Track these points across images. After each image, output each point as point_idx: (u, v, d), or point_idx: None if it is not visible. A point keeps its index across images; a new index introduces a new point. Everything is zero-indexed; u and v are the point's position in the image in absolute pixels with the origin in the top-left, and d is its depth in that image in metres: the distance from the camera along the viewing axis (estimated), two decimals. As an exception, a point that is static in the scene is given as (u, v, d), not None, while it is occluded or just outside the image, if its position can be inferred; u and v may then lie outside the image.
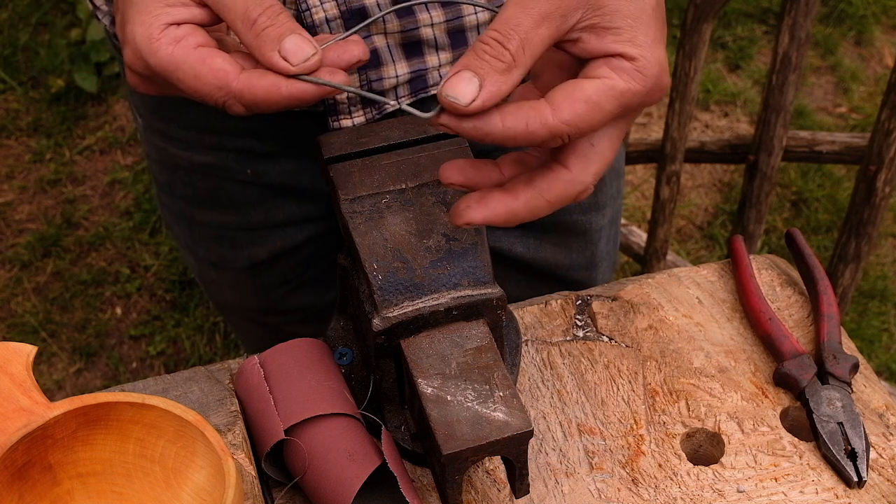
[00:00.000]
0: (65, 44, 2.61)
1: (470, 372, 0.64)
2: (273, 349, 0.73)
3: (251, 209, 0.93)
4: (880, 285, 2.19)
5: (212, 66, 0.59)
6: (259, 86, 0.59)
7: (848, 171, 2.36)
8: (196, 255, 1.02)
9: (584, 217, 0.99)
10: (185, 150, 0.91)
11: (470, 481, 0.71)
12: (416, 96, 0.82)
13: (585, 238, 1.01)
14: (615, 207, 1.06)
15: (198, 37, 0.60)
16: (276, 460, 0.70)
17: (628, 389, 0.77)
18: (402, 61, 0.80)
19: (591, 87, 0.56)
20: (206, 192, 0.94)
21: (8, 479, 0.61)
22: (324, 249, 0.96)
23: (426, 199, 0.70)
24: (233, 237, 0.96)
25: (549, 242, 0.98)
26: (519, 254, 0.97)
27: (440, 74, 0.82)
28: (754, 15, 2.76)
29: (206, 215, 0.96)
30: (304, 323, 1.03)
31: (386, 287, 0.67)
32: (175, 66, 0.60)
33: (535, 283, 0.98)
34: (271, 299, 1.02)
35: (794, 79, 1.55)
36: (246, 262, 0.98)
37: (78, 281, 2.18)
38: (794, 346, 0.78)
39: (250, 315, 1.09)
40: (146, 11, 0.60)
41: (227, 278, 1.02)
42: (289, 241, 0.95)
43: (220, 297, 1.10)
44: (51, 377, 2.02)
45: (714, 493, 0.71)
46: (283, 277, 0.99)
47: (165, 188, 0.99)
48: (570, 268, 1.02)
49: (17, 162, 2.41)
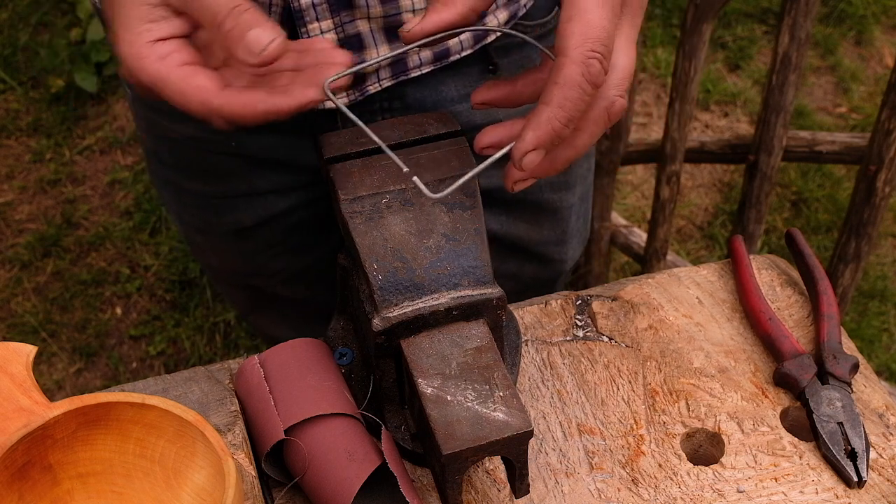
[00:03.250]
0: (65, 44, 2.61)
1: (470, 372, 0.64)
2: (273, 349, 0.73)
3: (235, 179, 0.96)
4: (880, 285, 2.19)
5: (194, 84, 0.63)
6: (236, 103, 0.62)
7: (848, 171, 2.36)
8: (182, 219, 1.06)
9: (555, 195, 1.02)
10: (171, 121, 0.94)
11: (470, 481, 0.71)
12: (396, 79, 0.85)
13: (557, 216, 1.05)
14: (585, 186, 1.09)
15: (183, 54, 0.64)
16: (276, 460, 0.70)
17: (628, 389, 0.77)
18: (385, 45, 0.82)
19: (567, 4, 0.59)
20: (191, 162, 0.97)
21: (8, 479, 0.61)
22: (306, 216, 0.99)
23: (426, 199, 0.70)
24: (217, 205, 0.99)
25: (520, 220, 1.02)
26: (492, 230, 1.00)
27: (420, 58, 0.85)
28: (754, 15, 2.76)
29: (192, 184, 1.00)
30: (284, 284, 1.07)
31: (386, 287, 0.67)
32: (162, 83, 0.63)
33: (507, 258, 1.03)
34: (255, 263, 1.05)
35: (794, 79, 1.55)
36: (231, 228, 1.01)
37: (78, 281, 2.18)
38: (794, 346, 0.78)
39: (234, 278, 1.12)
40: (130, 29, 0.63)
41: (213, 243, 1.06)
42: (271, 208, 0.98)
43: (205, 260, 1.14)
44: (51, 377, 2.02)
45: (714, 493, 0.71)
46: (266, 243, 1.02)
47: (153, 155, 1.03)
48: (542, 243, 1.06)
49: (17, 162, 2.41)
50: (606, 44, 0.59)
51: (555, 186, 1.02)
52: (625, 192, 2.36)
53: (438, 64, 0.86)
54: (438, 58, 0.86)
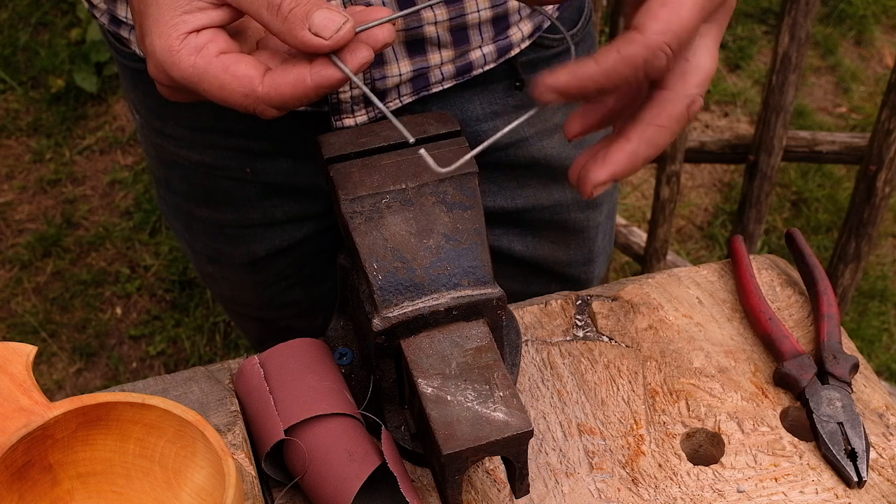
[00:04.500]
0: (65, 44, 2.61)
1: (470, 372, 0.64)
2: (273, 349, 0.73)
3: (249, 207, 0.93)
4: (880, 285, 2.19)
5: (235, 74, 0.58)
6: (284, 83, 0.57)
7: (848, 171, 2.36)
8: (194, 248, 1.02)
9: (582, 214, 0.99)
10: (183, 148, 0.91)
11: (470, 481, 0.71)
12: (418, 94, 0.82)
13: (583, 235, 1.01)
14: (611, 203, 1.06)
15: (219, 43, 0.59)
16: (276, 460, 0.70)
17: (628, 389, 0.77)
18: (406, 59, 0.80)
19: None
20: (203, 190, 0.94)
21: (8, 479, 0.61)
22: (321, 246, 0.96)
23: (426, 199, 0.70)
24: (230, 234, 0.96)
25: (546, 240, 0.99)
26: (518, 252, 0.97)
27: (442, 72, 0.82)
28: (754, 15, 2.76)
29: (204, 212, 0.96)
30: (298, 317, 1.04)
31: (386, 287, 0.67)
32: (199, 77, 0.58)
33: (533, 280, 0.99)
34: (268, 295, 1.02)
35: (794, 79, 1.55)
36: (244, 259, 0.98)
37: (78, 281, 2.18)
38: (794, 346, 0.78)
39: (246, 310, 1.09)
40: (163, 22, 0.58)
41: (225, 273, 1.02)
42: (287, 238, 0.95)
43: (217, 290, 1.10)
44: (51, 377, 2.02)
45: (714, 493, 0.71)
46: (280, 274, 0.99)
47: (163, 183, 0.99)
48: (568, 264, 1.03)
49: (17, 162, 2.41)
50: (682, 43, 0.55)
51: (582, 206, 0.99)
52: (625, 192, 2.36)
53: (461, 78, 0.83)
54: (461, 72, 0.83)
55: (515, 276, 0.97)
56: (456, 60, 0.82)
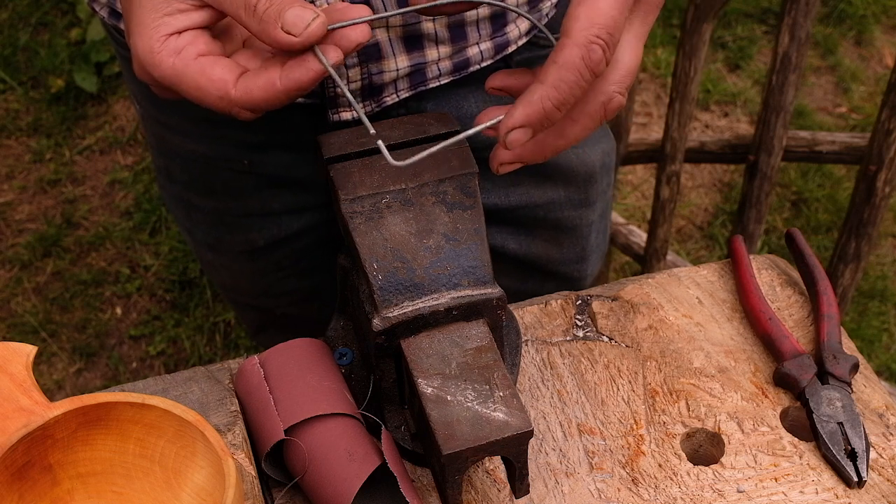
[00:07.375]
0: (65, 44, 2.61)
1: (470, 372, 0.64)
2: (273, 349, 0.73)
3: (247, 197, 0.94)
4: (880, 285, 2.19)
5: (211, 77, 0.59)
6: (255, 87, 0.59)
7: (848, 171, 2.36)
8: (194, 236, 1.04)
9: (575, 212, 1.00)
10: (183, 138, 0.92)
11: (470, 481, 0.71)
12: (415, 90, 0.83)
13: (576, 233, 1.02)
14: (605, 202, 1.07)
15: (199, 45, 0.60)
16: (276, 460, 0.70)
17: (628, 389, 0.77)
18: (403, 55, 0.80)
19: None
20: (202, 180, 0.95)
21: (8, 479, 0.61)
22: (320, 238, 0.97)
23: (426, 199, 0.70)
24: (230, 222, 0.97)
25: (540, 238, 0.99)
26: (511, 250, 0.98)
27: (439, 68, 0.82)
28: (754, 15, 2.76)
29: (203, 201, 0.98)
30: (295, 305, 1.05)
31: (386, 287, 0.67)
32: (178, 78, 0.60)
33: (527, 278, 1.00)
34: (266, 283, 1.03)
35: (794, 79, 1.55)
36: (243, 248, 0.99)
37: (78, 281, 2.18)
38: (794, 346, 0.78)
39: (244, 298, 1.11)
40: (145, 24, 0.60)
41: (224, 260, 1.03)
42: (285, 229, 0.96)
43: (216, 278, 1.12)
44: (51, 377, 2.02)
45: (714, 493, 0.71)
46: (279, 264, 1.00)
47: (164, 172, 1.00)
48: (562, 262, 1.03)
49: (17, 162, 2.41)
50: (612, 32, 0.56)
51: (575, 204, 0.99)
52: (625, 192, 2.36)
53: (458, 74, 0.83)
54: (458, 68, 0.83)
55: (509, 273, 0.97)
56: (453, 56, 0.82)
